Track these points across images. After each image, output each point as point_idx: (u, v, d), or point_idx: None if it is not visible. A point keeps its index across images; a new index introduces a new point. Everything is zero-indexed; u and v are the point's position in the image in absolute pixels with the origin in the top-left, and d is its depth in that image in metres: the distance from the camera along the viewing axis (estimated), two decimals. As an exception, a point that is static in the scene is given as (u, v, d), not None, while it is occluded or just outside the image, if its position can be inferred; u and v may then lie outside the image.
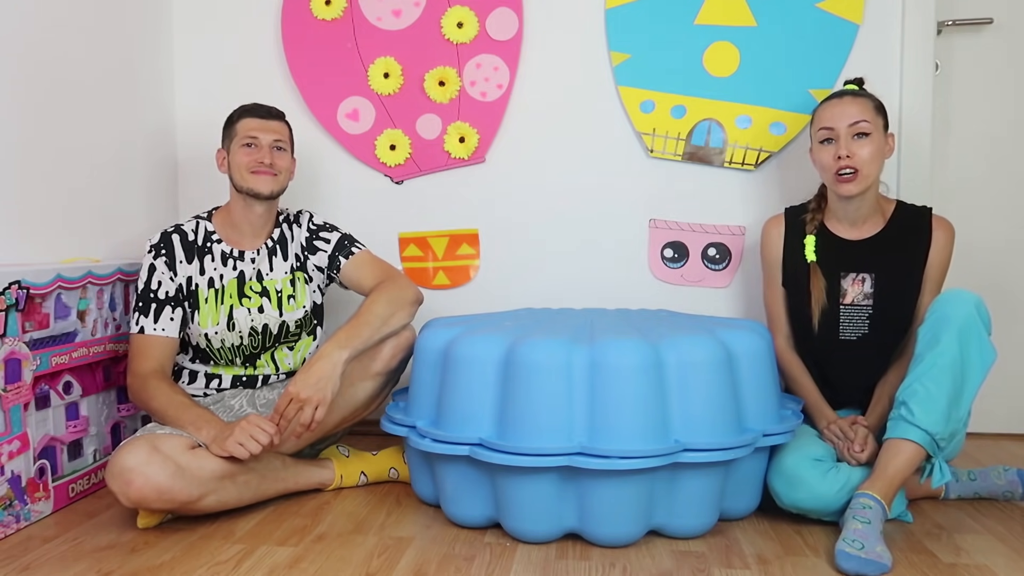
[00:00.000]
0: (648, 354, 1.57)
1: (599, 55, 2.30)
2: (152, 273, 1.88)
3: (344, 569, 1.50)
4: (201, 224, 1.96)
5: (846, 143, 1.80)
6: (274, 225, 2.01)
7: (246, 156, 1.92)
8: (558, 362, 1.58)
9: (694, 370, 1.59)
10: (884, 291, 1.85)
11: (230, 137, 1.95)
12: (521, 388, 1.58)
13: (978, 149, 2.34)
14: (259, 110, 1.96)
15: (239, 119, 1.95)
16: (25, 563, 1.53)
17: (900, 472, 1.59)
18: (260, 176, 1.91)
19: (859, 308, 1.86)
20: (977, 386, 1.62)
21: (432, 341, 1.76)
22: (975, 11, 2.29)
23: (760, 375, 1.69)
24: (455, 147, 2.34)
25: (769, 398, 1.71)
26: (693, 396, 1.58)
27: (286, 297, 1.98)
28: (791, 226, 1.96)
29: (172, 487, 1.60)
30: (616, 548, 1.60)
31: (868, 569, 1.45)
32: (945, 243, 1.85)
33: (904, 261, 1.84)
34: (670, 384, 1.58)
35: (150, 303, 1.87)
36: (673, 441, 1.56)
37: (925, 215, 1.87)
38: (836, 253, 1.89)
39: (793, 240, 1.95)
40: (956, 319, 1.60)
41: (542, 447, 1.54)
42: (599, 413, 1.56)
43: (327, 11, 2.33)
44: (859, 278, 1.87)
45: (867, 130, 1.79)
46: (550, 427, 1.56)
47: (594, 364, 1.57)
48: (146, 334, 1.86)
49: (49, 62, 1.93)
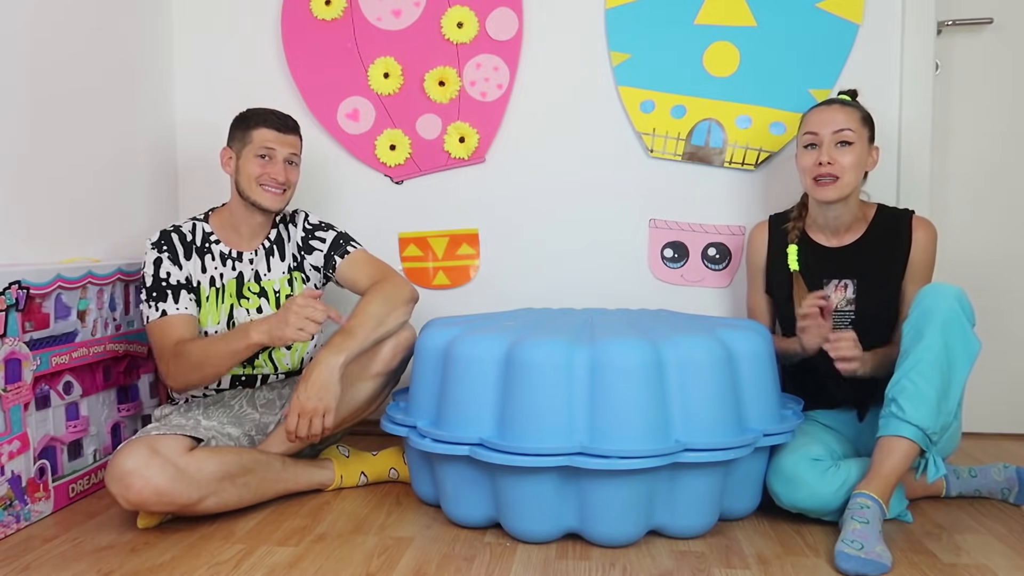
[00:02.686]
0: (649, 353, 1.57)
1: (599, 55, 2.30)
2: (159, 265, 1.86)
3: (344, 569, 1.50)
4: (198, 225, 1.95)
5: (828, 149, 1.82)
6: (271, 226, 2.01)
7: (259, 167, 1.89)
8: (559, 362, 1.58)
9: (695, 369, 1.59)
10: (866, 295, 1.86)
11: (242, 141, 1.92)
12: (522, 388, 1.58)
13: (978, 149, 2.34)
14: (278, 121, 1.92)
15: (256, 127, 1.91)
16: (25, 563, 1.53)
17: (895, 470, 1.59)
18: (268, 192, 1.91)
19: (842, 313, 1.88)
20: (964, 378, 1.62)
21: (432, 341, 1.76)
22: (975, 11, 2.29)
23: (761, 375, 1.69)
24: (455, 147, 2.34)
25: (769, 397, 1.71)
26: (693, 395, 1.59)
27: (284, 297, 1.97)
28: (774, 234, 2.00)
29: (172, 490, 1.60)
30: (616, 548, 1.60)
31: (868, 569, 1.45)
32: (926, 243, 1.85)
33: (885, 264, 1.86)
34: (670, 383, 1.59)
35: (164, 291, 1.85)
36: (674, 441, 1.56)
37: (905, 217, 1.88)
38: (818, 260, 1.91)
39: (776, 248, 1.98)
40: (939, 313, 1.61)
41: (542, 447, 1.54)
42: (600, 412, 1.56)
43: (327, 11, 2.33)
44: (841, 284, 1.89)
45: (851, 139, 1.81)
46: (551, 427, 1.56)
47: (595, 364, 1.57)
48: (169, 315, 1.83)
49: (49, 62, 1.93)
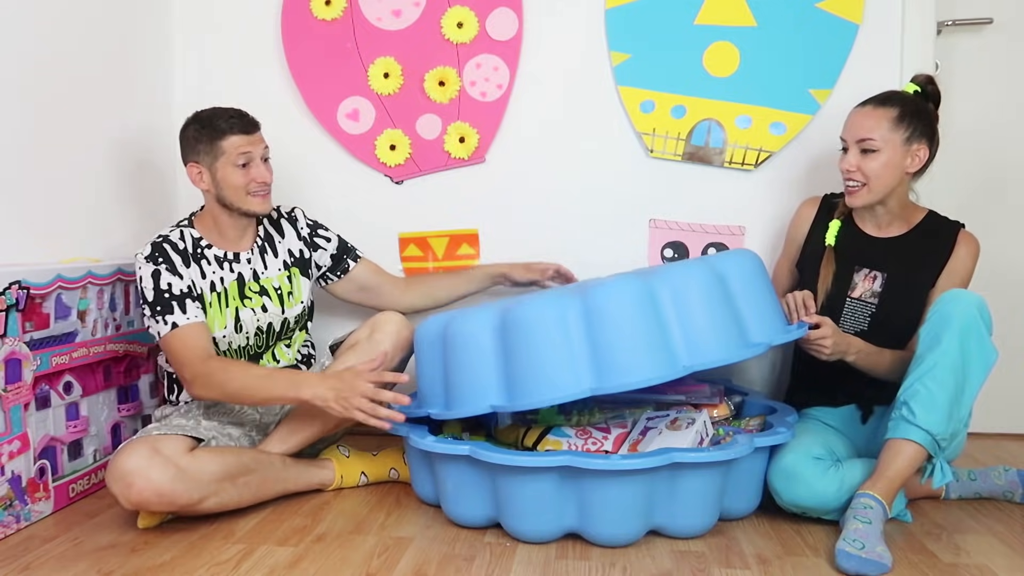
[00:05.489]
0: (638, 286, 1.60)
1: (599, 55, 2.30)
2: (158, 278, 1.79)
3: (344, 569, 1.50)
4: (186, 232, 1.89)
5: (853, 156, 1.80)
6: (257, 223, 1.99)
7: (242, 177, 1.84)
8: (552, 314, 1.60)
9: (686, 291, 1.62)
10: (892, 292, 1.84)
11: (212, 154, 1.84)
12: (522, 347, 1.60)
13: (978, 149, 2.34)
14: (243, 123, 1.86)
15: (224, 136, 1.83)
16: (25, 563, 1.53)
17: (901, 472, 1.59)
18: (258, 197, 1.88)
19: (864, 304, 1.87)
20: (978, 386, 1.62)
21: (428, 329, 1.80)
22: (975, 11, 2.29)
23: (755, 288, 1.70)
24: (455, 147, 2.34)
25: (768, 308, 1.71)
26: (691, 316, 1.60)
27: (286, 294, 1.98)
28: (823, 213, 1.98)
29: (173, 490, 1.61)
30: (616, 548, 1.60)
31: (868, 569, 1.45)
32: (966, 257, 1.83)
33: (919, 266, 1.83)
34: (665, 309, 1.60)
35: (170, 302, 1.79)
36: (681, 367, 1.57)
37: (953, 228, 1.87)
38: (855, 245, 1.89)
39: (820, 224, 1.96)
40: (957, 319, 1.60)
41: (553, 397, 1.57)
42: (602, 352, 1.57)
43: (327, 11, 2.33)
44: (871, 275, 1.87)
45: (875, 147, 1.77)
46: (556, 377, 1.58)
47: (588, 309, 1.60)
48: (181, 326, 1.77)
49: (49, 61, 1.93)
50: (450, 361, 1.70)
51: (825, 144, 2.23)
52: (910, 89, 1.85)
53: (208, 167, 1.86)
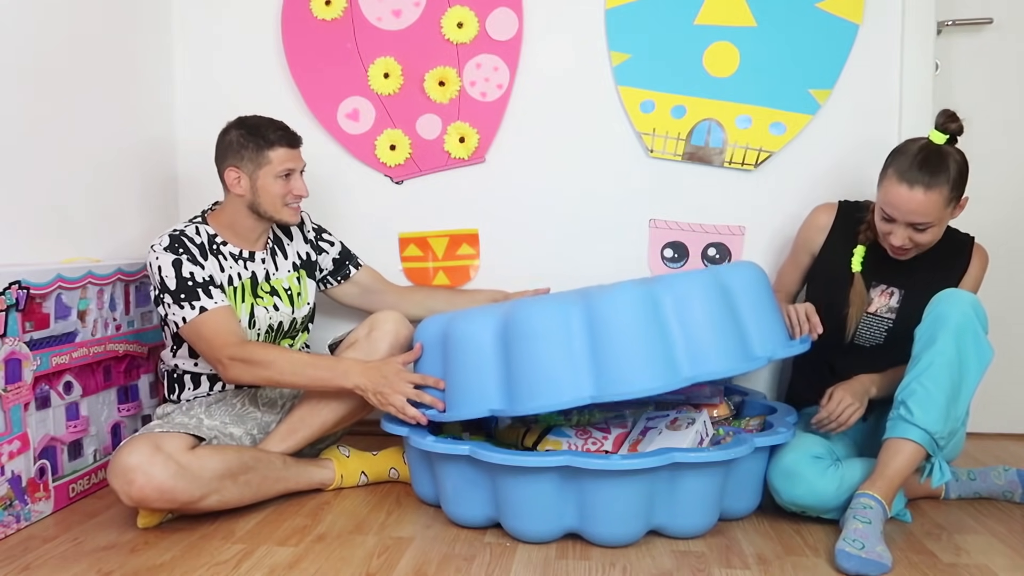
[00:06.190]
0: (641, 293, 1.60)
1: (599, 55, 2.30)
2: (179, 266, 1.80)
3: (344, 569, 1.50)
4: (201, 228, 1.91)
5: (903, 230, 1.72)
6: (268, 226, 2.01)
7: (283, 188, 1.90)
8: (554, 319, 1.60)
9: (689, 299, 1.61)
10: (909, 307, 1.83)
11: (256, 162, 1.87)
12: (523, 351, 1.60)
13: (978, 149, 2.33)
14: (291, 138, 1.92)
15: (272, 147, 1.88)
16: (25, 563, 1.53)
17: (900, 472, 1.59)
18: (293, 208, 1.94)
19: (880, 319, 1.87)
20: (975, 385, 1.62)
21: (429, 329, 1.80)
22: (975, 11, 2.29)
23: (758, 299, 1.70)
24: (455, 147, 2.34)
25: (771, 320, 1.71)
26: (693, 325, 1.60)
27: (295, 295, 2.01)
28: (840, 224, 1.94)
29: (174, 487, 1.61)
30: (616, 548, 1.60)
31: (868, 569, 1.45)
32: (978, 270, 1.86)
33: (936, 283, 1.80)
34: (668, 318, 1.60)
35: (195, 288, 1.80)
36: (683, 377, 1.57)
37: (967, 243, 1.87)
38: (874, 261, 1.87)
39: (838, 239, 1.93)
40: (953, 319, 1.60)
41: (552, 404, 1.56)
42: (603, 359, 1.57)
43: (327, 11, 2.33)
44: (888, 290, 1.87)
45: (929, 226, 1.71)
46: (557, 383, 1.58)
47: (590, 314, 1.59)
48: (210, 310, 1.79)
49: (48, 62, 1.93)
50: (450, 362, 1.70)
51: (825, 144, 2.24)
52: (939, 139, 1.71)
53: (249, 174, 1.89)
